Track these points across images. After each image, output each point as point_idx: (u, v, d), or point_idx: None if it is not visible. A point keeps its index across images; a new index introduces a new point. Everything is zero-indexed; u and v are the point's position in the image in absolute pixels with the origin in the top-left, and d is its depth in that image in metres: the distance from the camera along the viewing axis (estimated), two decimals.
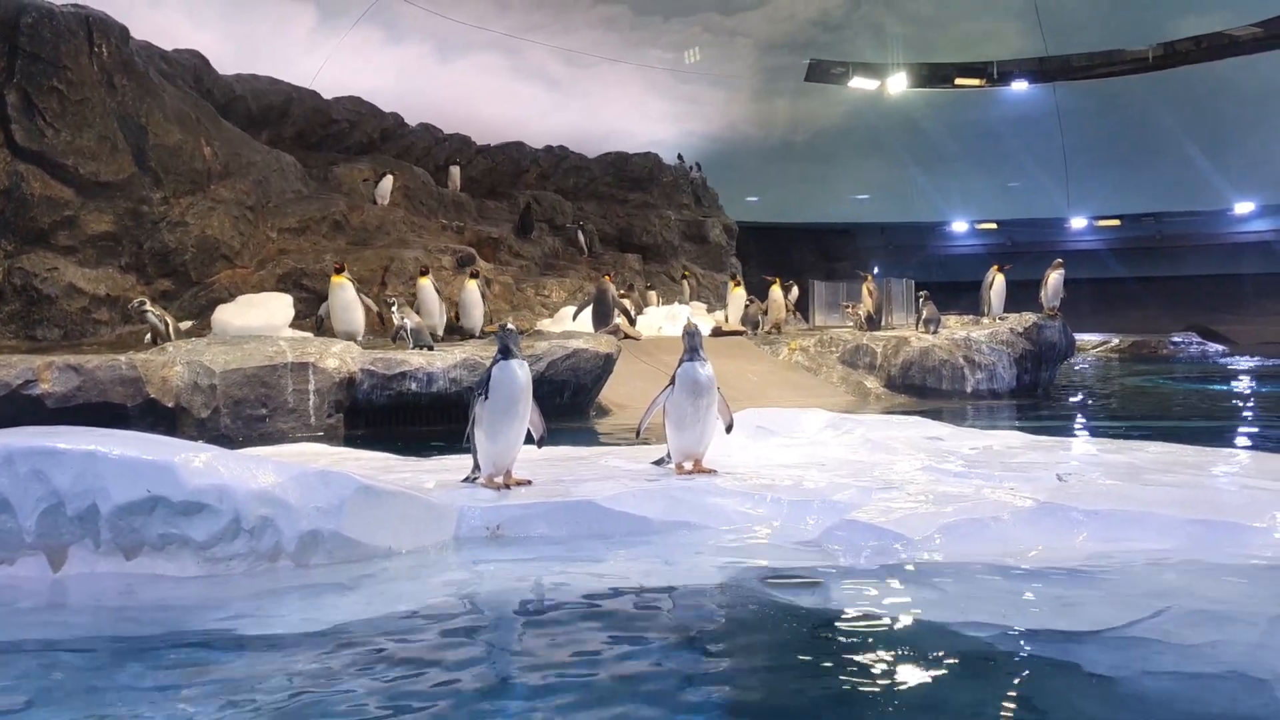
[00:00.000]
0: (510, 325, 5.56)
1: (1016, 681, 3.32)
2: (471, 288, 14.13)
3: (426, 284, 13.61)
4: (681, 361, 5.79)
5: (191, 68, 17.62)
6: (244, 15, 21.70)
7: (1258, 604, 3.86)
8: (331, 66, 23.30)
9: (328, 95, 21.41)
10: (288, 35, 22.71)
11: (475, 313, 14.12)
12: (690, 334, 5.88)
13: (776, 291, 18.35)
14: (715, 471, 5.75)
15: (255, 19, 21.97)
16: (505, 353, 5.35)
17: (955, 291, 21.46)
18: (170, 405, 9.44)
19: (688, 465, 5.80)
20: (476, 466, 5.48)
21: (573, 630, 3.76)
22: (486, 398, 5.27)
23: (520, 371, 5.32)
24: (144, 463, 4.25)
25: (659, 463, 6.02)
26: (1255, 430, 11.46)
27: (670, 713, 3.02)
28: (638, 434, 6.36)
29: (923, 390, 14.49)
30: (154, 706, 3.05)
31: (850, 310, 18.24)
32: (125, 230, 13.43)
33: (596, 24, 28.37)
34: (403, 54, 25.14)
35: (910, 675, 3.38)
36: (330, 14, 23.55)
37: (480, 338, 13.39)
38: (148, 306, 11.34)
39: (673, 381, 5.76)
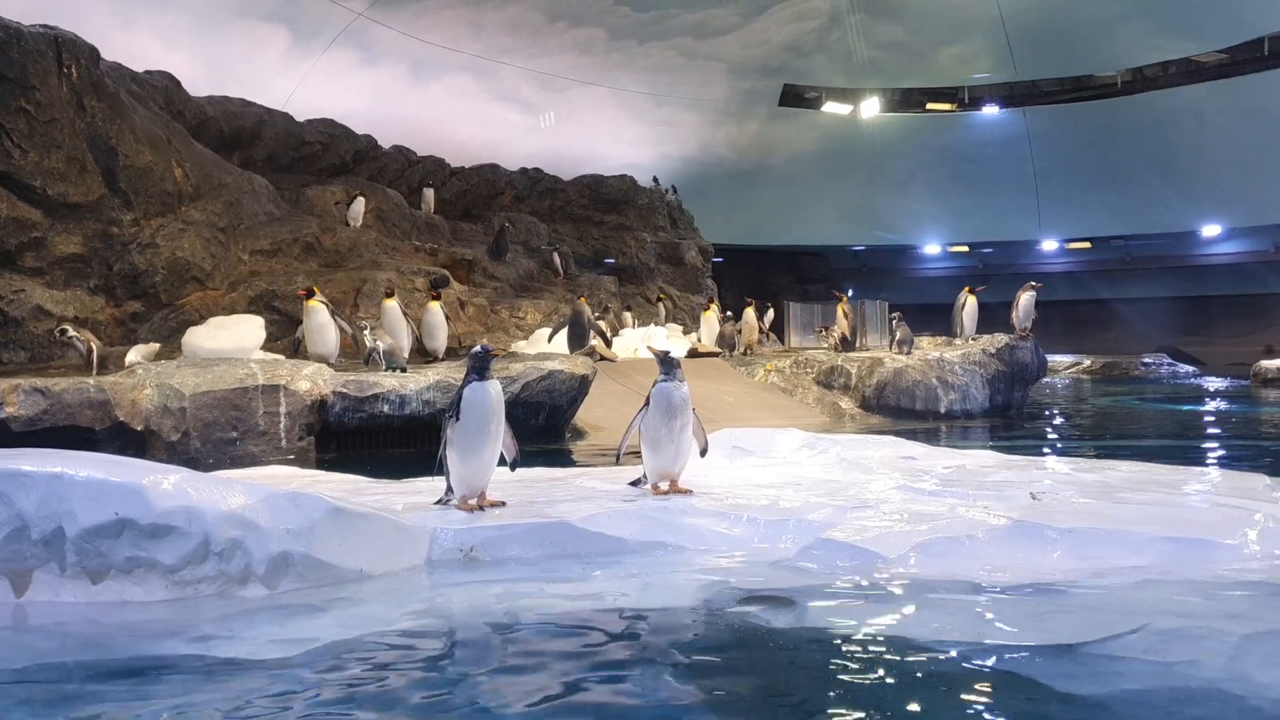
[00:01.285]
0: (483, 346, 5.54)
1: (992, 698, 3.31)
2: (434, 309, 13.95)
3: (392, 305, 13.42)
4: (657, 382, 5.78)
5: (163, 89, 17.51)
6: (216, 38, 21.61)
7: (1230, 620, 3.88)
8: (305, 89, 23.25)
9: (301, 117, 21.33)
10: (261, 58, 22.63)
11: (440, 334, 13.92)
12: (665, 359, 5.86)
13: (749, 314, 18.51)
14: (691, 491, 5.73)
15: (228, 41, 21.89)
16: (478, 373, 5.32)
17: (928, 313, 21.60)
18: (139, 428, 9.33)
19: (664, 485, 5.78)
20: (450, 489, 5.44)
21: (546, 652, 3.72)
22: (458, 419, 5.24)
23: (492, 391, 5.30)
24: (112, 485, 4.19)
25: (635, 483, 6.00)
26: (1225, 449, 11.55)
27: None
28: (618, 458, 6.33)
29: (897, 411, 14.55)
30: None
31: (824, 334, 18.34)
32: (94, 252, 13.30)
33: (571, 48, 28.46)
34: (377, 76, 25.12)
35: (886, 693, 3.36)
36: (304, 36, 23.51)
37: (448, 360, 13.27)
38: (71, 332, 11.19)
39: (648, 402, 5.75)
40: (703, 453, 6.01)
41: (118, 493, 4.17)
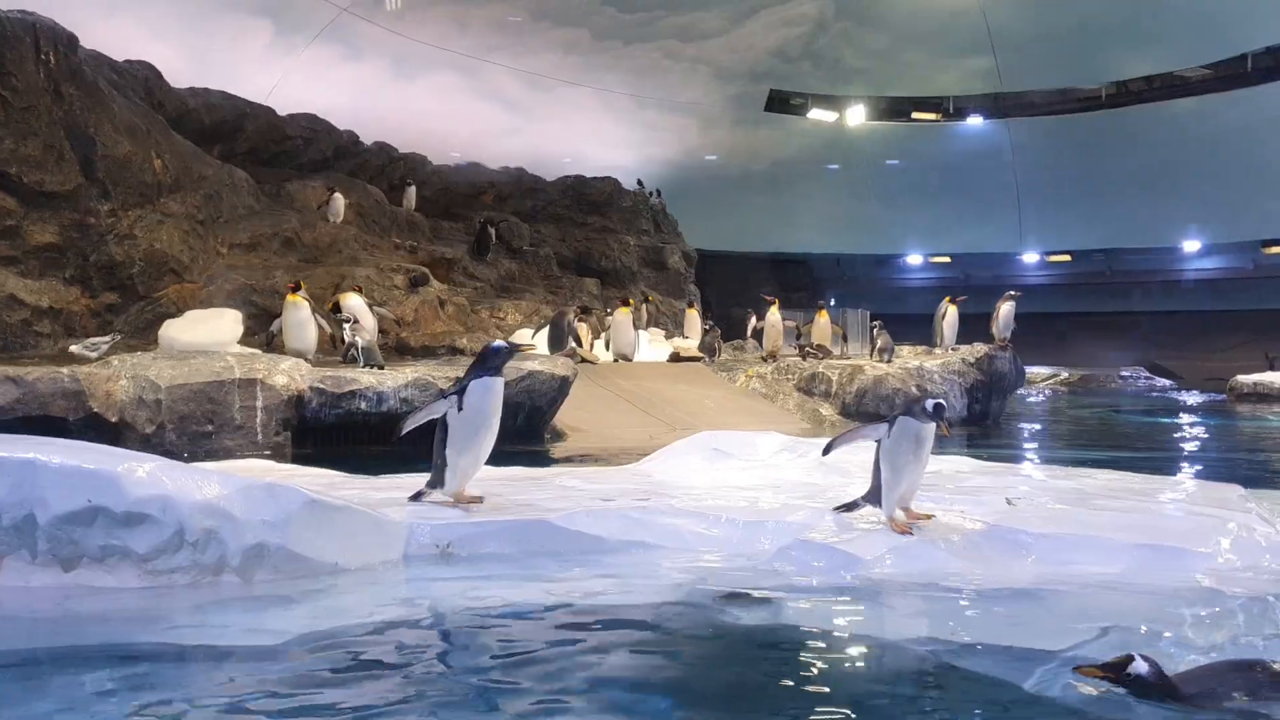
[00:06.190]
0: (501, 343, 5.46)
1: (962, 699, 3.32)
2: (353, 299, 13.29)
3: (356, 299, 13.11)
4: (897, 415, 5.23)
5: (143, 79, 17.36)
6: (199, 29, 21.47)
7: (1200, 627, 3.92)
8: (287, 82, 23.12)
9: (282, 111, 21.17)
10: (243, 50, 22.51)
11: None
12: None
13: (774, 314, 17.36)
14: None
15: (211, 33, 21.75)
16: (494, 370, 5.26)
17: (909, 322, 21.63)
18: (113, 420, 9.24)
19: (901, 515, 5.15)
20: (429, 484, 5.38)
21: (520, 648, 3.70)
22: (460, 409, 5.16)
23: (500, 390, 5.26)
24: (85, 472, 4.14)
25: (848, 508, 5.33)
26: (1201, 461, 11.64)
27: None
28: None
29: (876, 417, 14.56)
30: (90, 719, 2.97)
31: (800, 347, 18.18)
32: (70, 242, 13.17)
33: (556, 47, 28.42)
34: (360, 71, 25.00)
35: (859, 692, 3.37)
36: (287, 30, 23.40)
37: (426, 359, 13.08)
38: None
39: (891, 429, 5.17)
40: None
41: (91, 480, 4.12)
